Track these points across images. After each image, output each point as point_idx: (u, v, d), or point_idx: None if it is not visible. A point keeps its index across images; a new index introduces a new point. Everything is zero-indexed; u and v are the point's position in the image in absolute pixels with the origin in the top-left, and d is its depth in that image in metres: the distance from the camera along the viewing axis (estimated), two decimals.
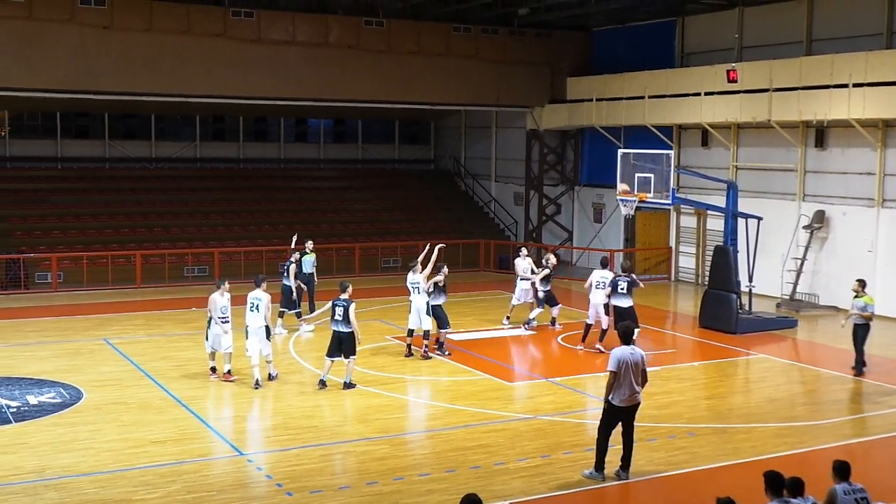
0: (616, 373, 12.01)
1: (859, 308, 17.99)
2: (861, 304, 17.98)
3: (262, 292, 16.84)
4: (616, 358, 12.09)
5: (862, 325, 18.08)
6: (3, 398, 15.75)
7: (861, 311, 17.96)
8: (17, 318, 23.25)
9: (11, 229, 30.22)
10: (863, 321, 18.05)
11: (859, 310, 17.98)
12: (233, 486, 11.88)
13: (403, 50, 31.23)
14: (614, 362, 12.07)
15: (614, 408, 12.14)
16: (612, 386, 12.05)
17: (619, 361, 12.04)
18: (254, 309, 16.76)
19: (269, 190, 36.03)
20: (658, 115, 29.43)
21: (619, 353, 12.14)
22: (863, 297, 18.00)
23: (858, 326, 18.11)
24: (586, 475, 12.20)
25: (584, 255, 34.01)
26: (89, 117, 35.55)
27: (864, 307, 17.94)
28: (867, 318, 18.02)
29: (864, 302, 17.97)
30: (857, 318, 18.07)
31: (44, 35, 26.66)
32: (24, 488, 11.74)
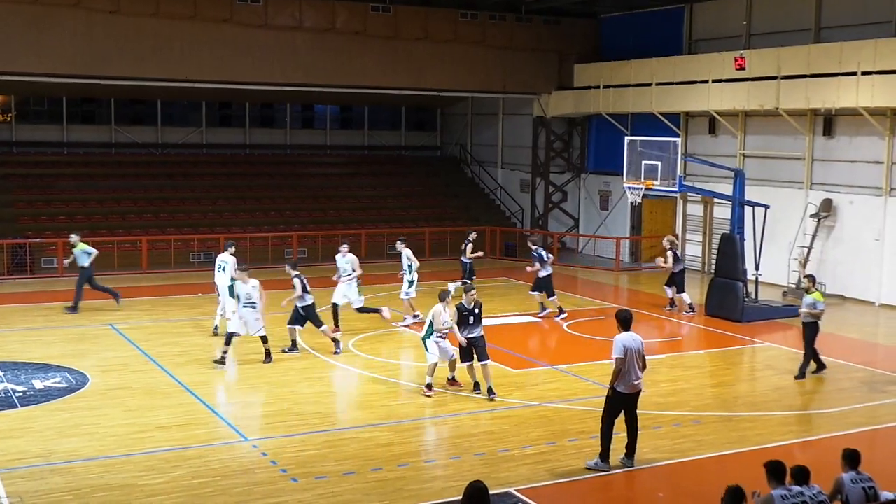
0: (623, 359, 11.95)
1: (808, 305, 16.84)
2: (810, 301, 16.85)
3: (228, 256, 19.33)
4: (622, 344, 12.00)
5: (811, 325, 16.97)
6: (10, 383, 15.79)
7: (810, 308, 16.83)
8: (23, 303, 23.29)
9: (18, 214, 30.25)
10: (812, 319, 16.93)
11: (808, 307, 16.83)
12: (238, 472, 11.90)
13: (410, 36, 31.12)
14: (620, 349, 11.98)
15: (619, 395, 12.09)
16: (619, 373, 11.99)
17: (624, 348, 11.97)
18: (221, 270, 19.34)
19: (276, 176, 36.01)
20: (665, 103, 29.32)
21: (624, 340, 12.05)
22: (812, 294, 16.94)
23: (808, 325, 16.99)
24: (591, 465, 12.13)
25: (591, 243, 33.96)
26: (96, 102, 35.53)
27: (814, 304, 16.80)
28: (816, 317, 16.89)
29: (814, 298, 16.86)
30: (807, 317, 16.93)
31: (51, 19, 26.61)
32: (30, 472, 11.77)
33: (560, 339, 20.59)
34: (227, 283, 18.91)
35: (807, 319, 16.98)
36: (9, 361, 17.22)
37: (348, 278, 19.96)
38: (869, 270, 24.86)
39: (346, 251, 20.34)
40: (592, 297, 25.76)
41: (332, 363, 17.56)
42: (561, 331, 21.12)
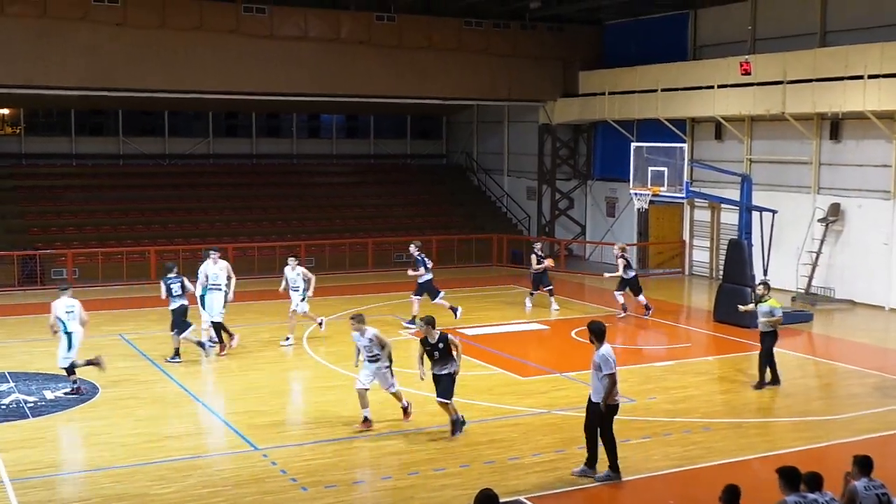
0: (615, 373, 11.85)
1: (765, 313, 16.36)
2: (766, 309, 16.37)
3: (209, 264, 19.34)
4: (611, 357, 11.85)
5: (770, 333, 16.45)
6: (21, 393, 15.84)
7: (768, 316, 16.36)
8: (33, 313, 23.34)
9: (28, 226, 30.37)
10: (770, 328, 16.41)
11: (765, 315, 16.36)
12: (248, 481, 11.92)
13: (415, 45, 31.20)
14: (613, 362, 11.83)
15: (615, 408, 12.01)
16: (614, 386, 11.87)
17: (614, 361, 11.87)
18: None
19: (282, 185, 36.09)
20: (671, 109, 29.33)
21: (611, 352, 11.91)
22: (768, 301, 16.45)
23: (766, 335, 16.46)
24: (602, 478, 11.97)
25: (598, 250, 33.95)
26: (103, 114, 35.67)
27: (771, 311, 16.35)
28: (774, 324, 16.41)
29: (770, 306, 16.38)
30: (765, 326, 16.40)
31: (58, 33, 26.74)
32: (42, 482, 11.81)
33: (568, 346, 20.58)
34: (199, 292, 19.17)
35: (765, 329, 16.44)
36: (20, 372, 17.27)
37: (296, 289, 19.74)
38: (878, 275, 24.81)
39: (296, 264, 20.13)
40: (600, 304, 25.72)
41: (343, 373, 17.55)
42: (569, 338, 21.10)
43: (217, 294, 19.15)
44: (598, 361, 11.86)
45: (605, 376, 11.76)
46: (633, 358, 19.40)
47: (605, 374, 11.76)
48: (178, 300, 18.32)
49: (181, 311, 18.37)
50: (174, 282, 18.40)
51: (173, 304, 18.33)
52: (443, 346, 13.70)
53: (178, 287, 18.39)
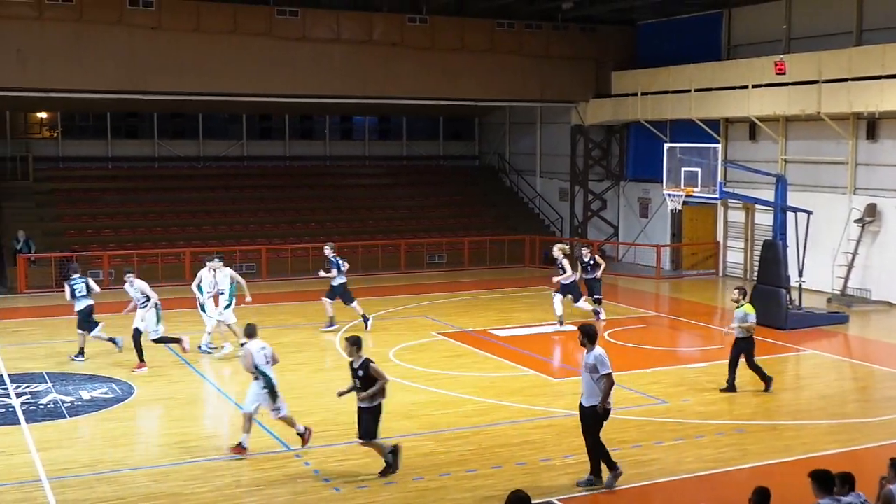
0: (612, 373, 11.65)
1: (739, 319, 16.00)
2: (741, 315, 15.98)
3: (206, 271, 19.47)
4: (608, 359, 11.65)
5: (745, 339, 16.10)
6: (58, 393, 16.06)
7: (741, 321, 15.99)
8: (70, 315, 23.55)
9: (65, 228, 30.75)
10: (745, 334, 16.08)
11: (739, 321, 16.00)
12: (281, 481, 12.00)
13: (447, 46, 31.23)
14: (609, 363, 11.62)
15: (607, 413, 11.76)
16: (612, 386, 11.65)
17: (609, 361, 11.67)
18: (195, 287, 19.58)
19: (315, 187, 36.28)
20: (704, 109, 29.14)
21: (606, 355, 11.71)
22: (743, 307, 16.05)
23: (741, 340, 16.11)
24: (609, 483, 11.78)
25: (631, 251, 33.81)
26: (138, 117, 36.03)
27: (745, 317, 15.96)
28: (749, 330, 16.06)
29: (745, 311, 15.99)
30: (740, 332, 16.07)
31: (94, 36, 27.07)
32: (78, 481, 11.96)
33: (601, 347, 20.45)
34: (201, 298, 19.43)
35: (741, 334, 16.11)
36: (57, 372, 17.51)
37: (144, 305, 18.28)
38: None
39: (134, 278, 18.47)
40: (633, 305, 25.63)
41: None
42: (602, 339, 20.99)
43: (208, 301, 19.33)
44: (592, 363, 11.60)
45: (603, 377, 11.52)
46: (667, 359, 19.30)
47: (602, 375, 11.52)
48: (83, 301, 18.65)
49: (87, 312, 18.67)
50: (78, 283, 18.69)
51: (79, 304, 18.65)
52: (363, 373, 12.03)
53: (82, 288, 18.69)
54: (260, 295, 26.44)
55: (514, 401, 15.76)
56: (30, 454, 13.04)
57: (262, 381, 12.95)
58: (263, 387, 12.95)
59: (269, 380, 12.94)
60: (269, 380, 12.95)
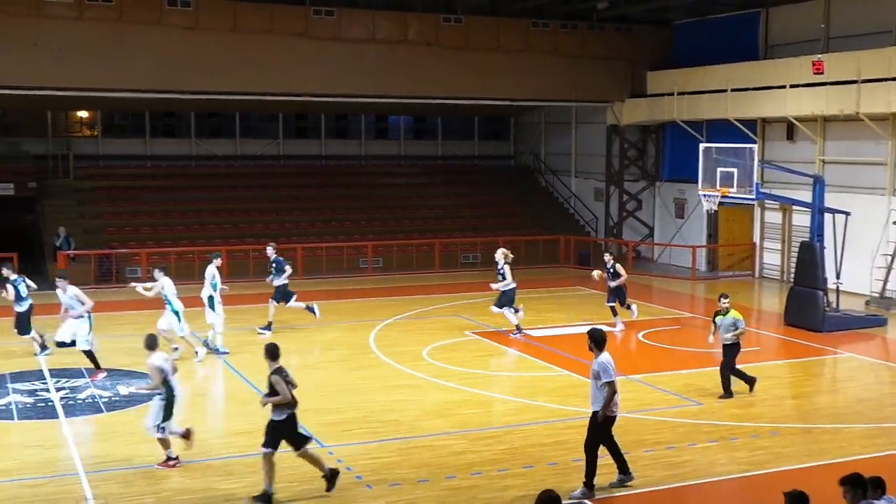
0: (615, 381, 11.53)
1: (728, 326, 15.74)
2: (730, 321, 15.72)
3: (212, 267, 19.49)
4: (613, 365, 11.52)
5: (732, 346, 15.84)
6: (96, 388, 16.28)
7: (731, 328, 15.73)
8: (108, 311, 23.90)
9: (104, 225, 31.15)
10: (732, 340, 15.78)
11: (727, 329, 15.75)
12: (314, 478, 12.05)
13: (482, 46, 31.24)
14: (613, 370, 11.49)
15: (613, 419, 11.66)
16: (614, 395, 11.51)
17: (614, 369, 11.55)
18: None
19: (351, 186, 36.45)
20: (741, 109, 28.92)
21: (611, 361, 11.56)
22: (731, 314, 15.76)
23: (730, 347, 15.85)
24: (576, 496, 11.49)
25: (666, 252, 33.63)
26: (176, 116, 36.40)
27: (734, 323, 15.69)
28: (737, 336, 15.75)
29: (734, 317, 15.71)
30: (727, 338, 15.80)
31: (133, 36, 27.38)
32: (114, 475, 12.13)
33: (635, 348, 20.43)
34: (208, 293, 19.24)
35: (729, 341, 15.83)
36: (95, 368, 17.70)
37: (76, 314, 17.36)
38: None
39: (66, 284, 17.49)
40: (668, 306, 25.51)
41: (410, 372, 17.69)
42: (636, 341, 20.97)
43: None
44: (596, 369, 11.49)
45: (605, 384, 11.41)
46: (701, 361, 19.17)
47: (604, 383, 11.41)
48: (25, 302, 18.59)
49: (28, 313, 18.61)
50: (19, 283, 18.57)
51: (21, 306, 18.56)
52: (269, 383, 11.55)
53: (24, 288, 18.57)
54: (295, 293, 26.64)
55: (547, 401, 15.76)
56: (68, 448, 13.26)
57: (164, 395, 12.36)
58: (163, 399, 12.37)
59: (171, 393, 12.40)
60: (172, 393, 12.41)
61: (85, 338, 17.24)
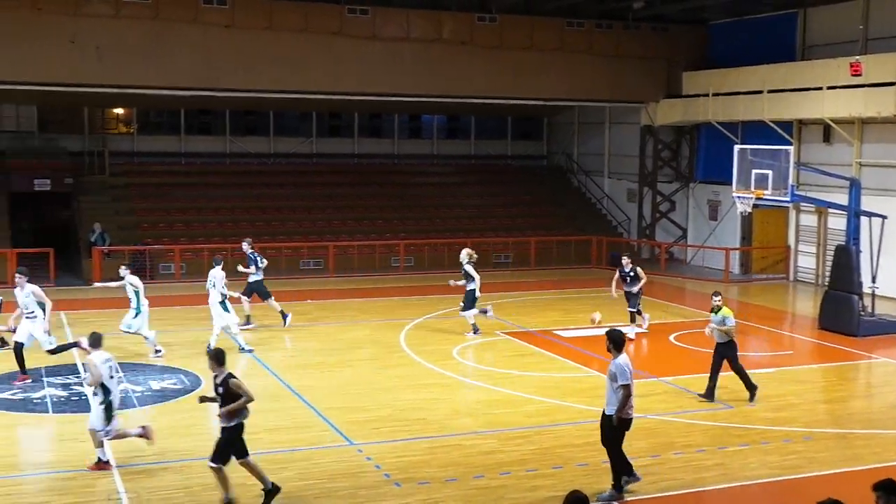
0: (631, 384, 11.37)
1: (718, 322, 15.51)
2: (719, 319, 15.51)
3: (219, 270, 19.10)
4: (629, 368, 11.38)
5: (726, 344, 15.60)
6: (129, 383, 16.42)
7: (719, 325, 15.47)
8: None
9: (138, 222, 31.43)
10: (726, 338, 15.56)
11: (717, 324, 15.51)
12: (343, 475, 12.12)
13: (516, 45, 31.18)
14: (630, 373, 11.34)
15: (628, 422, 11.50)
16: (629, 398, 11.37)
17: (631, 372, 11.42)
18: (211, 286, 19.00)
19: (383, 185, 36.51)
20: (777, 110, 28.64)
21: (629, 363, 11.43)
22: (721, 311, 15.52)
23: (721, 345, 15.64)
24: (605, 498, 11.35)
25: (699, 254, 33.39)
26: (211, 114, 36.64)
27: (723, 321, 15.47)
28: (729, 334, 15.53)
29: (723, 315, 15.49)
30: (719, 336, 15.58)
31: (169, 34, 27.61)
32: (145, 469, 12.24)
33: (666, 350, 20.30)
34: (218, 299, 18.86)
35: (721, 339, 15.60)
36: (128, 363, 17.89)
37: (32, 315, 16.55)
38: None
39: (25, 282, 16.61)
40: (701, 308, 25.25)
41: (439, 371, 17.70)
42: (667, 342, 20.83)
43: None
44: (614, 371, 11.34)
45: (620, 387, 11.27)
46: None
47: (620, 385, 11.27)
48: None
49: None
50: None
51: None
52: (223, 389, 11.06)
53: None
54: (326, 291, 26.83)
55: (577, 401, 15.69)
56: None
57: (101, 397, 12.15)
58: (101, 402, 12.14)
59: (108, 395, 12.19)
60: (109, 395, 12.20)
61: (47, 339, 16.49)
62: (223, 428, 11.09)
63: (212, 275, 19.15)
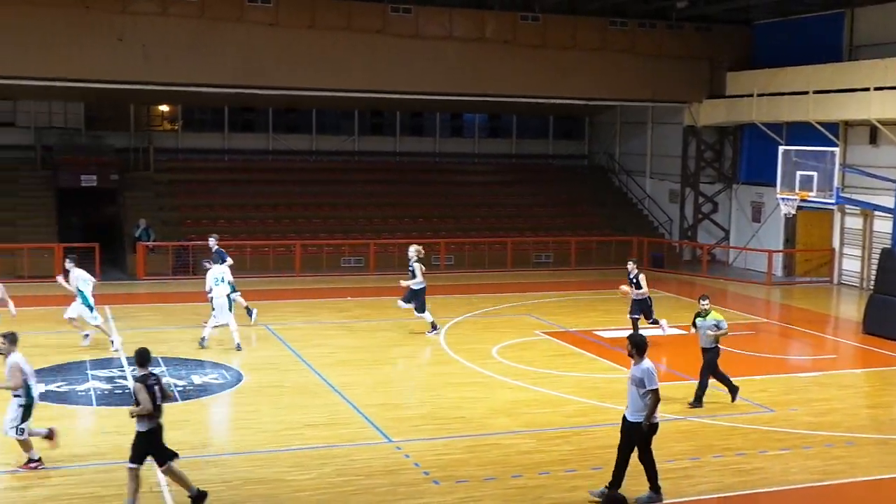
0: (658, 388, 11.22)
1: (709, 327, 15.26)
2: (711, 323, 15.23)
3: (226, 267, 19.66)
4: (655, 372, 11.24)
5: (712, 349, 15.38)
6: (171, 377, 16.64)
7: (714, 330, 15.24)
8: (185, 301, 24.42)
9: (182, 218, 31.77)
10: (713, 343, 15.32)
11: (709, 329, 15.25)
12: (381, 472, 12.19)
13: (559, 45, 31.11)
14: (657, 379, 11.19)
15: (656, 427, 11.37)
16: (658, 402, 11.23)
17: (657, 376, 11.26)
18: (219, 282, 19.13)
19: (424, 184, 36.57)
20: (823, 111, 28.29)
21: (654, 368, 11.30)
22: (711, 314, 15.28)
23: (708, 351, 15.37)
24: (644, 500, 11.27)
25: (742, 256, 33.08)
26: (254, 112, 36.95)
27: (717, 324, 15.21)
28: (717, 339, 15.29)
29: (716, 319, 15.22)
30: (707, 341, 15.32)
31: (214, 33, 27.90)
32: (187, 462, 12.35)
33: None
34: (227, 291, 19.00)
35: (707, 344, 15.35)
36: (171, 357, 18.13)
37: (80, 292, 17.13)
38: None
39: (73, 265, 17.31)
40: (743, 310, 25.09)
41: (478, 370, 17.72)
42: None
43: None
44: (639, 376, 11.17)
45: (649, 392, 11.11)
46: (776, 367, 18.88)
47: (648, 390, 11.11)
48: None
49: None
50: None
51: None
52: (132, 392, 10.94)
53: None
54: (367, 289, 26.95)
55: (617, 403, 15.59)
56: None
57: (24, 397, 11.93)
58: (21, 401, 11.91)
59: (30, 396, 11.99)
60: (31, 396, 12.00)
61: None
62: (137, 431, 10.87)
63: (219, 270, 19.40)
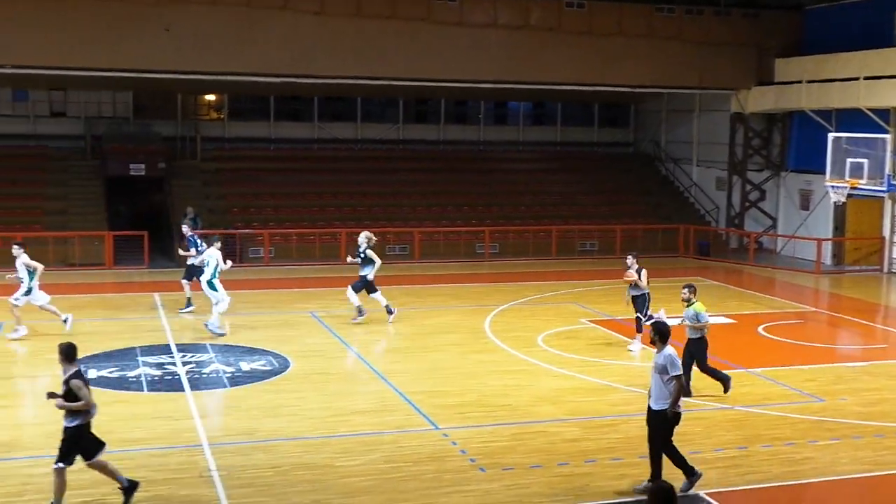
0: (682, 375, 11.10)
1: (690, 318, 14.99)
2: (692, 314, 14.96)
3: (215, 250, 19.51)
4: (679, 361, 11.08)
5: (696, 340, 15.06)
6: (220, 364, 16.85)
7: (693, 321, 14.96)
8: (232, 289, 24.49)
9: (229, 206, 32.09)
10: (697, 334, 15.04)
11: (690, 320, 14.99)
12: (428, 459, 12.25)
13: (604, 31, 30.89)
14: (679, 364, 11.05)
15: (678, 416, 11.16)
16: (682, 389, 11.08)
17: (680, 363, 11.11)
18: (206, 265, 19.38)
19: (468, 172, 36.55)
20: (874, 98, 27.81)
21: (677, 356, 11.13)
22: (693, 306, 15.00)
23: (692, 342, 15.06)
24: (685, 488, 11.11)
25: (790, 244, 32.70)
26: (300, 100, 37.15)
27: (696, 316, 14.93)
28: (700, 329, 15.00)
29: (696, 310, 14.94)
30: (692, 332, 15.04)
31: (260, 22, 28.06)
32: (236, 448, 12.56)
33: (754, 341, 19.97)
34: (207, 278, 19.23)
35: (693, 335, 15.07)
36: (220, 344, 18.36)
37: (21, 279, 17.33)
38: None
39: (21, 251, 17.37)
40: (791, 299, 24.83)
41: (524, 358, 17.73)
42: (755, 333, 20.49)
43: None
44: (662, 363, 11.00)
45: (673, 378, 10.95)
46: (825, 357, 18.67)
47: (672, 377, 10.95)
48: None
49: None
50: None
51: None
52: (65, 388, 10.31)
53: None
54: (412, 276, 27.06)
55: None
56: (193, 420, 13.76)
57: None
58: None
59: None
60: None
61: None
62: (65, 427, 10.35)
63: (209, 254, 19.52)
